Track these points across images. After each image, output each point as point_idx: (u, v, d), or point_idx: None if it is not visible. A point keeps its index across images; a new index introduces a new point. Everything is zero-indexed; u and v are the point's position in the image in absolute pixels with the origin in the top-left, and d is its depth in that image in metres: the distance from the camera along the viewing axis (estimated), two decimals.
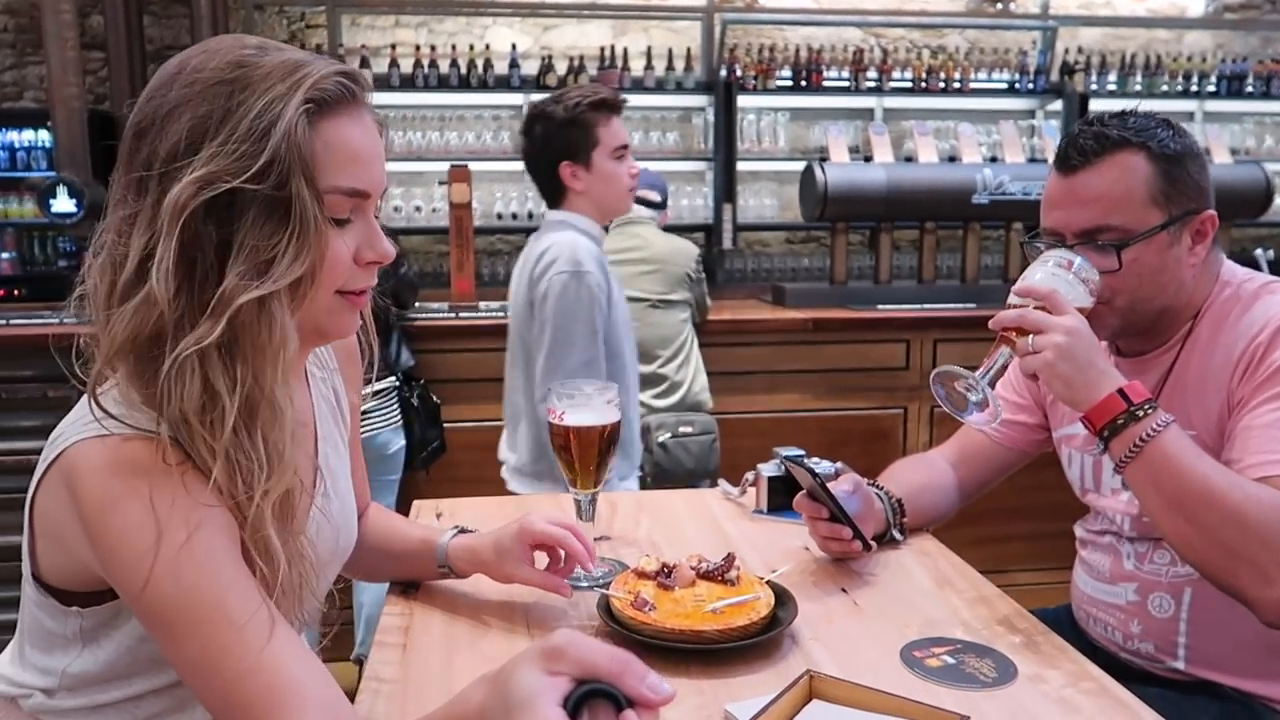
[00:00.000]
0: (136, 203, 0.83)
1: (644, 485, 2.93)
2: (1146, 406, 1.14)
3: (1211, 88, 4.75)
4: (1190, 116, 4.85)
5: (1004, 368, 1.21)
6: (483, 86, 4.40)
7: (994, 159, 3.99)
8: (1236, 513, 1.09)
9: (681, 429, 2.93)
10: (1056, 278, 1.22)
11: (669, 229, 3.39)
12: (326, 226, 0.85)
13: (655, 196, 3.20)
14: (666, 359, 3.02)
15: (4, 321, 3.16)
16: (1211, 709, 1.27)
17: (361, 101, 0.89)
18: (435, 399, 3.06)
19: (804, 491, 1.33)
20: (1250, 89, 4.78)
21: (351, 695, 1.03)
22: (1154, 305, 1.28)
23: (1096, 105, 4.54)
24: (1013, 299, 1.22)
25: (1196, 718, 1.26)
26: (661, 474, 2.90)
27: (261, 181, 0.80)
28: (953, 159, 3.98)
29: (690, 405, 3.02)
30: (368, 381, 1.17)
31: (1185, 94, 4.75)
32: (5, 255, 4.40)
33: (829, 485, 1.30)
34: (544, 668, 0.65)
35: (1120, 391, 1.14)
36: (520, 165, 4.98)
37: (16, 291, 4.19)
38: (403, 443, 2.91)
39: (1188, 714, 1.25)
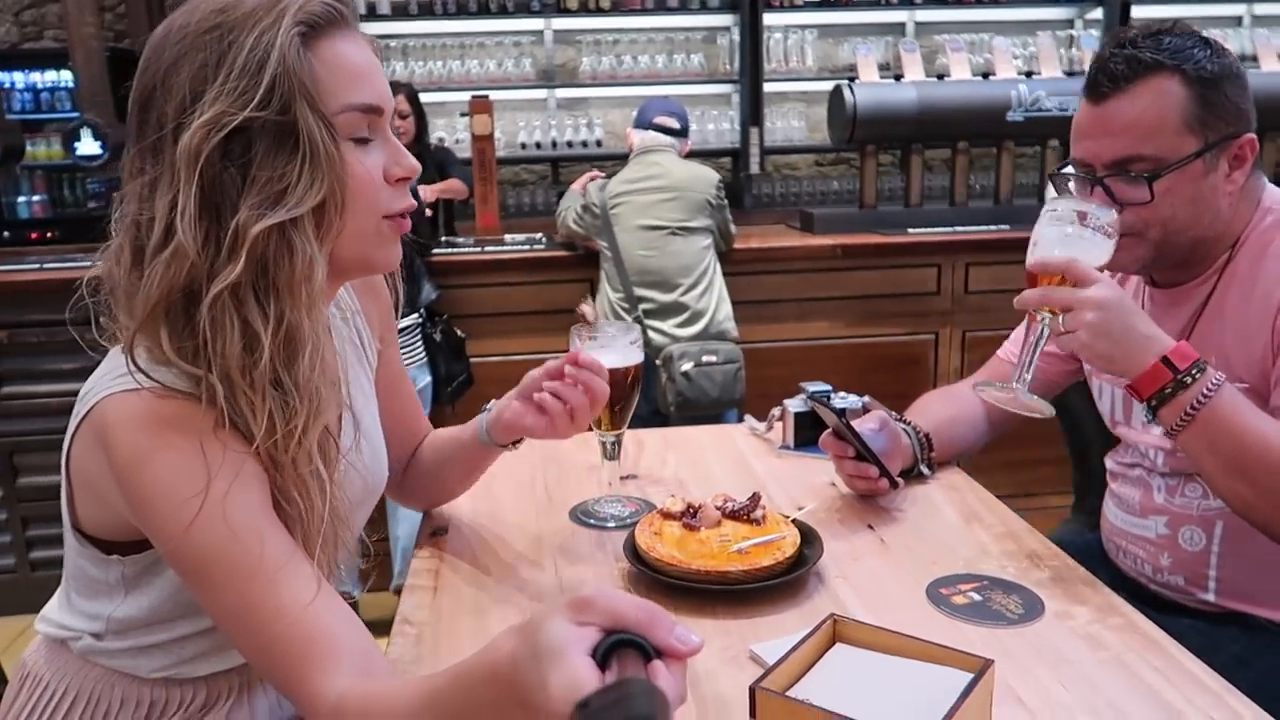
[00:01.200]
0: (155, 168, 0.83)
1: (668, 415, 2.94)
2: (1194, 370, 1.08)
3: None
4: (1238, 21, 4.65)
5: (1040, 348, 1.16)
6: (503, 12, 4.31)
7: (1029, 73, 3.85)
8: None
9: (705, 358, 2.92)
10: (1071, 239, 1.14)
11: (694, 154, 3.33)
12: (341, 149, 0.86)
13: (675, 124, 3.13)
14: (688, 287, 2.99)
15: (38, 265, 3.19)
16: (1241, 639, 1.27)
17: (350, 22, 0.90)
18: (460, 333, 3.07)
19: (829, 430, 1.33)
20: None
21: (391, 623, 1.06)
22: (1188, 236, 1.23)
23: (1139, 12, 4.36)
24: (1030, 268, 1.15)
25: (1227, 647, 1.26)
26: (685, 403, 2.91)
27: (265, 110, 0.81)
28: (986, 74, 3.86)
29: (714, 334, 3.01)
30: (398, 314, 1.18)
31: None
32: (36, 197, 4.42)
33: (854, 423, 1.30)
34: (573, 618, 0.65)
35: (1165, 359, 1.09)
36: (544, 93, 4.91)
37: (50, 234, 4.23)
38: (428, 379, 2.94)
39: (1218, 644, 1.25)
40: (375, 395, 1.16)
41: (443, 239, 3.50)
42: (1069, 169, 1.29)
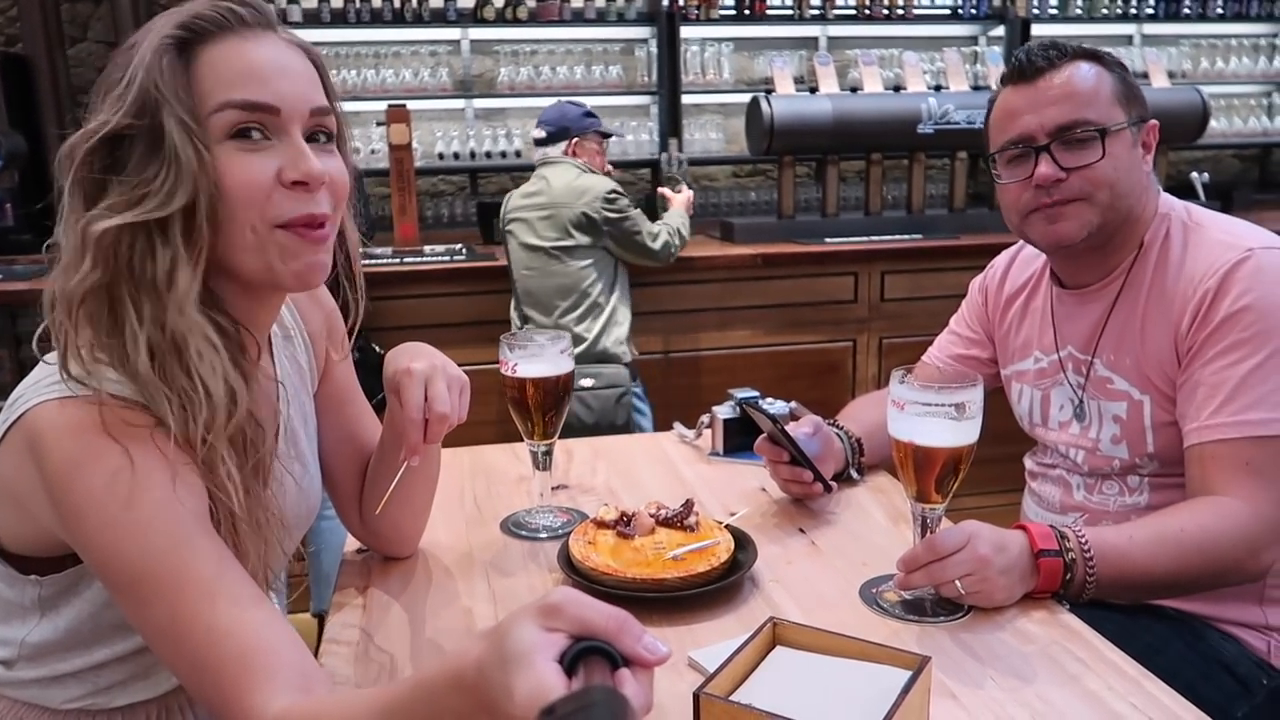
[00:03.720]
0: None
1: None
2: (1061, 540, 1.10)
3: (1150, 10, 4.78)
4: (1129, 40, 4.88)
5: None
6: (418, 21, 4.25)
7: (938, 87, 3.98)
8: (1201, 561, 1.16)
9: (581, 382, 2.83)
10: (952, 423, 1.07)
11: (614, 165, 3.33)
12: (213, 151, 0.84)
13: (541, 132, 3.06)
14: (564, 310, 2.90)
15: None
16: (1155, 628, 1.32)
17: (253, 24, 0.89)
18: (378, 349, 3.00)
19: (764, 435, 1.34)
20: (1188, 10, 4.81)
21: (313, 649, 1.03)
22: (1125, 204, 1.30)
23: (1039, 30, 4.55)
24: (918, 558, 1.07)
25: (1141, 636, 1.30)
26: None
27: (134, 117, 0.82)
28: (898, 88, 3.96)
29: (596, 358, 2.91)
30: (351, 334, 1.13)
31: (1125, 17, 4.78)
32: None
33: (788, 428, 1.31)
34: (541, 624, 0.64)
35: (1040, 552, 1.09)
36: (462, 103, 4.85)
37: None
38: None
39: (1132, 633, 1.29)
40: (314, 415, 1.13)
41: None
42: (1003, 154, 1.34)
